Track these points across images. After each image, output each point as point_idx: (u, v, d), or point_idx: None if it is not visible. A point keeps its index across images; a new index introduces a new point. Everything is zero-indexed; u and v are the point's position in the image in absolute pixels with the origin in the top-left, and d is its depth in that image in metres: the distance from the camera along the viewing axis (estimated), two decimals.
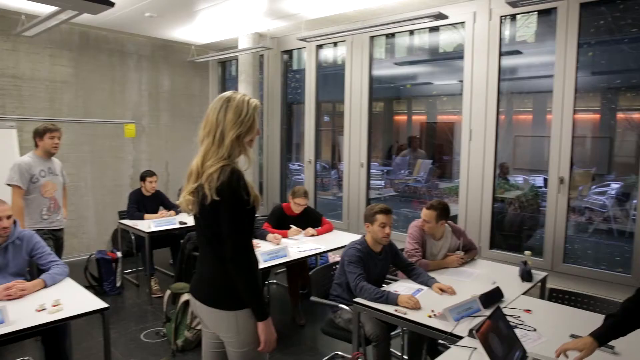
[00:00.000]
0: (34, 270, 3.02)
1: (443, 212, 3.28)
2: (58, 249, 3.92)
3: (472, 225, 4.49)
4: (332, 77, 6.08)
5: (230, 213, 1.68)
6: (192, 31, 5.90)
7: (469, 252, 3.48)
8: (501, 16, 4.23)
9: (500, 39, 4.24)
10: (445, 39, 5.24)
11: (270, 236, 3.93)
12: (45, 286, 2.67)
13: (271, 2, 4.58)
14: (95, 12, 2.99)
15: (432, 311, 2.42)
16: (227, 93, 1.82)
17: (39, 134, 3.83)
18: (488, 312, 2.29)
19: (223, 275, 1.74)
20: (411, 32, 5.29)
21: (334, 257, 5.02)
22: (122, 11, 4.85)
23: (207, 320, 1.86)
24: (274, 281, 5.10)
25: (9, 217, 2.68)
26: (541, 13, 4.29)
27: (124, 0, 4.32)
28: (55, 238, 3.89)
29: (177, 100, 6.95)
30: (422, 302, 2.56)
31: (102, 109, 6.13)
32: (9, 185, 3.67)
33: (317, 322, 4.09)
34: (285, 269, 4.37)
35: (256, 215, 1.87)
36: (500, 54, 4.25)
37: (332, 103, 6.66)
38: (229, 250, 1.70)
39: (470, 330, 2.10)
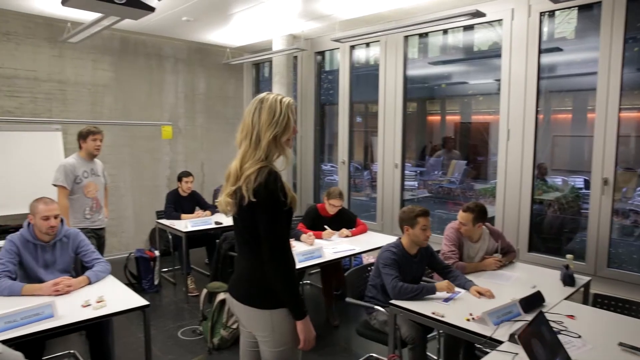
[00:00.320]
0: (78, 267, 3.13)
1: (480, 215, 3.21)
2: (100, 247, 4.06)
3: (510, 227, 4.38)
4: (364, 78, 6.06)
5: (267, 214, 1.70)
6: (227, 34, 6.00)
7: (507, 254, 3.40)
8: (541, 12, 4.11)
9: (540, 36, 4.13)
10: (480, 37, 5.14)
11: (304, 236, 3.95)
12: (90, 283, 2.77)
13: (305, 4, 4.60)
14: (137, 18, 3.09)
15: (470, 314, 2.37)
16: (261, 94, 1.84)
17: (82, 137, 3.98)
18: (529, 317, 2.24)
19: (260, 275, 1.76)
20: (445, 31, 5.21)
21: (367, 259, 5.00)
22: (161, 16, 4.98)
23: (243, 318, 1.88)
24: (308, 282, 5.12)
25: (56, 216, 2.79)
26: (582, 8, 4.15)
27: (163, 5, 4.43)
28: (97, 237, 4.03)
29: (212, 102, 7.07)
30: (460, 305, 2.52)
31: (141, 112, 6.30)
32: (55, 185, 3.82)
33: (350, 323, 4.09)
34: (319, 269, 4.38)
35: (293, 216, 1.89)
36: (540, 52, 4.13)
37: (365, 104, 6.63)
38: (266, 251, 1.72)
39: (511, 335, 2.04)
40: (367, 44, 5.89)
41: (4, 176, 4.92)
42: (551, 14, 4.24)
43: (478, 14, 3.65)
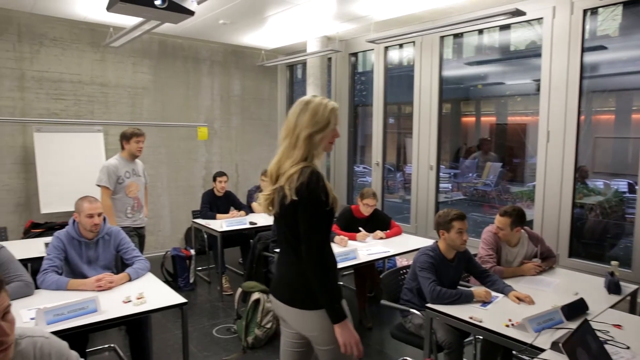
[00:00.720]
0: (118, 264, 3.23)
1: (518, 219, 3.13)
2: (140, 245, 4.19)
3: (549, 231, 4.26)
4: (396, 79, 6.01)
5: (308, 213, 1.71)
6: (262, 36, 6.07)
7: (546, 260, 3.30)
8: (584, 9, 3.98)
9: (583, 34, 4.00)
10: (517, 37, 5.02)
11: (337, 238, 3.95)
12: (130, 280, 2.85)
13: (340, 6, 4.61)
14: (177, 22, 3.16)
15: (510, 320, 2.32)
16: (307, 97, 1.85)
17: (126, 138, 4.10)
18: (572, 325, 2.17)
19: (303, 275, 1.77)
20: (480, 31, 5.11)
21: (401, 261, 4.96)
22: (198, 19, 5.09)
23: (289, 319, 1.89)
24: (341, 283, 5.11)
25: (100, 214, 2.89)
26: (627, 4, 3.99)
27: (201, 9, 4.52)
28: (138, 235, 4.16)
29: (247, 103, 7.17)
30: (498, 310, 2.46)
31: (178, 113, 6.45)
32: (98, 186, 3.96)
33: (384, 326, 4.06)
34: (352, 271, 4.37)
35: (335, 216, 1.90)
36: (583, 50, 4.00)
37: (398, 105, 6.58)
38: (304, 250, 1.73)
39: (554, 343, 1.98)
40: (401, 45, 5.85)
41: (50, 176, 5.13)
42: (594, 11, 4.10)
43: (518, 13, 3.56)
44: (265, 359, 3.48)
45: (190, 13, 2.99)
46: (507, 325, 2.27)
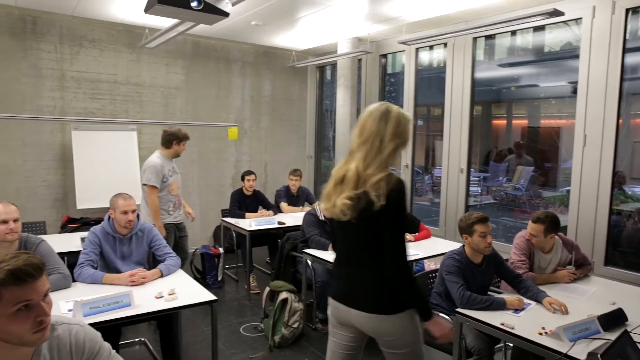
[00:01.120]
0: (150, 260, 3.30)
1: (552, 225, 3.04)
2: (182, 240, 4.37)
3: (585, 238, 4.13)
4: (426, 81, 5.95)
5: (395, 220, 1.76)
6: (293, 37, 6.11)
7: (581, 267, 3.21)
8: (627, 9, 3.84)
9: (625, 34, 3.86)
10: (553, 38, 4.89)
11: None
12: (162, 276, 2.91)
13: (372, 7, 4.59)
14: (212, 23, 3.22)
15: (543, 328, 2.26)
16: (383, 104, 1.87)
17: (178, 139, 4.20)
18: (609, 336, 2.10)
19: (383, 281, 1.82)
20: (513, 32, 5.01)
21: (430, 265, 4.90)
22: (231, 21, 5.16)
23: (363, 325, 1.89)
24: None
25: (134, 211, 2.96)
26: None
27: (234, 10, 4.58)
28: (179, 230, 4.30)
29: (276, 104, 7.23)
30: (531, 317, 2.41)
31: (209, 113, 6.56)
32: (145, 185, 4.05)
33: None
34: None
35: None
36: (624, 51, 3.87)
37: (427, 107, 6.51)
38: (390, 257, 1.78)
39: (591, 354, 1.92)
40: (431, 47, 5.78)
41: (85, 173, 5.29)
42: (635, 10, 3.96)
43: (556, 13, 3.46)
44: (292, 357, 3.49)
45: (225, 14, 3.04)
46: (540, 333, 2.22)
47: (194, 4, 2.79)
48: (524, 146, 5.93)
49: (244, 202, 5.29)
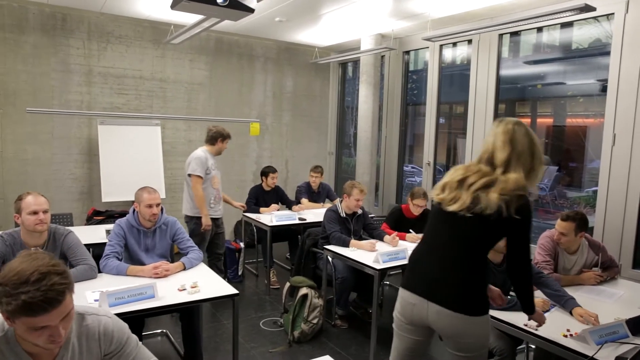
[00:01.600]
0: (172, 253, 3.35)
1: (582, 223, 2.97)
2: (218, 236, 4.61)
3: (611, 240, 4.03)
4: (448, 78, 5.88)
5: (526, 233, 1.84)
6: (316, 34, 6.11)
7: (608, 269, 3.13)
8: None
9: None
10: (581, 34, 4.77)
11: (387, 238, 3.92)
12: (184, 269, 2.95)
13: (396, 3, 4.56)
14: (237, 19, 3.24)
15: (568, 330, 2.22)
16: (516, 120, 1.94)
17: (223, 137, 4.47)
18: (637, 340, 2.05)
19: (479, 282, 1.88)
20: (539, 28, 4.90)
21: None
22: (255, 17, 5.18)
23: (440, 322, 1.88)
24: (387, 283, 5.07)
25: (158, 204, 3.00)
26: None
27: (259, 7, 4.60)
28: (216, 225, 4.50)
29: (298, 100, 7.24)
30: (555, 318, 2.36)
31: (231, 109, 6.61)
32: (191, 175, 4.26)
33: None
34: (400, 271, 4.33)
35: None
36: None
37: (449, 104, 6.43)
38: (521, 263, 1.89)
39: (619, 358, 1.88)
40: (454, 43, 5.71)
41: (111, 166, 5.40)
42: None
43: (587, 9, 3.36)
44: (311, 353, 3.50)
45: (250, 10, 3.06)
46: (565, 336, 2.18)
47: (220, 0, 2.82)
48: (551, 146, 5.80)
49: (263, 198, 5.31)
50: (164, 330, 3.78)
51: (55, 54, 5.33)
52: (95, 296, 2.39)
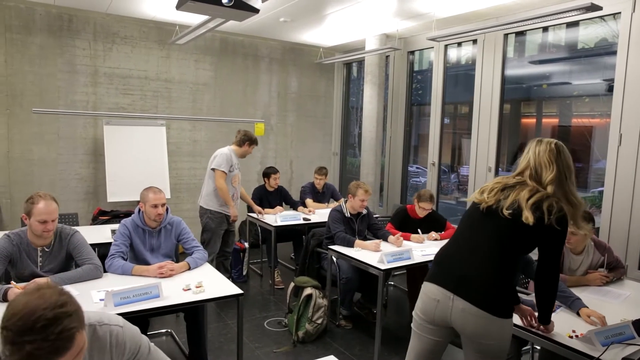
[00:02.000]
0: (177, 253, 3.35)
1: (592, 223, 2.95)
2: (229, 234, 4.66)
3: (618, 241, 4.01)
4: (453, 78, 5.86)
5: (561, 243, 1.91)
6: (321, 34, 6.11)
7: (614, 270, 3.11)
8: None
9: None
10: (588, 34, 4.74)
11: (391, 238, 3.90)
12: (189, 268, 2.95)
13: (401, 3, 4.55)
14: (242, 19, 3.25)
15: (574, 331, 2.20)
16: (556, 142, 2.02)
17: (251, 141, 4.63)
18: None
19: (508, 284, 1.91)
20: (544, 28, 4.88)
21: None
22: (260, 17, 5.20)
23: (465, 320, 1.88)
24: (392, 283, 5.06)
25: (163, 205, 3.01)
26: None
27: (264, 7, 4.60)
28: (228, 222, 4.56)
29: (303, 101, 7.25)
30: (561, 319, 2.35)
31: (236, 109, 6.62)
32: (215, 170, 4.39)
33: None
34: (405, 271, 4.32)
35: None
36: None
37: (454, 104, 6.42)
38: (551, 268, 1.95)
39: (625, 359, 1.87)
40: (459, 43, 5.69)
41: (116, 166, 5.42)
42: None
43: (593, 8, 3.35)
44: (315, 353, 3.50)
45: (255, 11, 3.06)
46: (571, 336, 2.16)
47: (225, 1, 2.82)
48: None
49: (267, 199, 5.31)
50: (169, 330, 3.79)
51: (61, 54, 5.36)
52: (100, 295, 2.40)
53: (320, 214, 5.05)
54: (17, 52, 5.13)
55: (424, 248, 3.78)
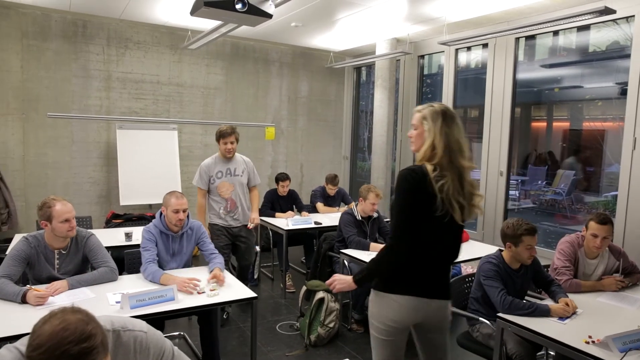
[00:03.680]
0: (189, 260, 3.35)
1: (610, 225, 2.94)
2: (237, 246, 4.15)
3: (633, 246, 3.97)
4: (462, 82, 5.85)
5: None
6: (332, 38, 6.13)
7: (629, 275, 3.07)
8: None
9: None
10: (600, 37, 4.71)
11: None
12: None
13: (412, 7, 4.56)
14: (255, 24, 3.28)
15: (590, 337, 2.18)
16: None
17: (218, 136, 4.02)
18: None
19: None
20: (555, 31, 4.86)
21: (466, 269, 4.82)
22: (272, 22, 5.21)
23: (441, 312, 2.05)
24: None
25: (184, 210, 3.02)
26: None
27: (276, 12, 4.64)
28: (231, 235, 4.09)
29: (313, 105, 7.27)
30: (578, 325, 2.34)
31: (247, 113, 6.66)
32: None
33: None
34: None
35: None
36: None
37: (463, 108, 6.40)
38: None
39: None
40: (469, 47, 5.69)
41: (129, 170, 5.47)
42: None
43: (607, 11, 3.33)
44: (327, 357, 3.50)
45: (269, 16, 3.09)
46: (587, 342, 2.15)
47: (238, 6, 2.85)
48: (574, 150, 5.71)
49: (278, 203, 5.33)
50: (182, 333, 3.81)
51: (75, 60, 5.44)
52: (116, 298, 2.42)
53: (331, 217, 5.05)
54: (32, 58, 5.21)
55: None
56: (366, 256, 3.60)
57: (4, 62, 5.09)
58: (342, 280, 2.10)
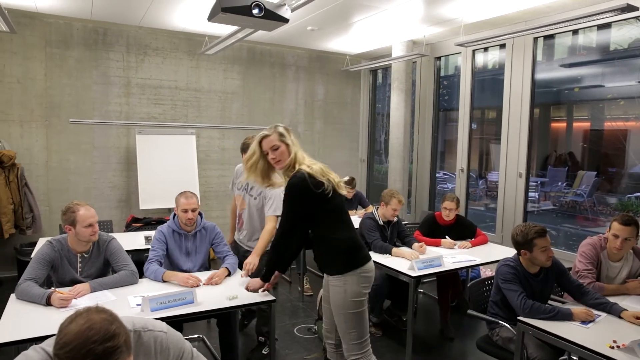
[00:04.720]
0: (209, 259, 3.39)
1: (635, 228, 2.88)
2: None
3: None
4: (479, 83, 5.80)
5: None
6: (348, 42, 6.14)
7: None
8: None
9: None
10: (621, 35, 4.62)
11: (415, 245, 3.82)
12: (230, 274, 2.99)
13: (428, 9, 4.54)
14: (272, 29, 3.30)
15: (614, 342, 2.14)
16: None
17: (241, 150, 3.59)
18: None
19: None
20: (575, 30, 4.78)
21: (485, 272, 4.77)
22: (288, 26, 5.25)
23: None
24: (421, 290, 5.01)
25: (194, 210, 3.06)
26: None
27: (292, 16, 4.66)
28: (239, 252, 3.46)
29: (329, 108, 7.28)
30: (601, 329, 2.29)
31: (264, 117, 6.70)
32: None
33: (466, 337, 3.92)
34: (434, 278, 4.27)
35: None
36: None
37: (481, 109, 6.34)
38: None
39: None
40: (486, 48, 5.63)
41: (148, 174, 5.55)
42: None
43: (629, 9, 3.25)
44: None
45: (285, 20, 3.11)
46: (612, 347, 2.11)
47: (255, 11, 2.88)
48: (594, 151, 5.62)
49: None
50: (200, 336, 3.84)
51: (96, 67, 5.55)
52: (137, 301, 2.46)
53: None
54: (55, 66, 5.33)
55: (455, 255, 3.73)
56: (384, 259, 3.58)
57: (28, 71, 5.23)
58: (253, 283, 2.59)
